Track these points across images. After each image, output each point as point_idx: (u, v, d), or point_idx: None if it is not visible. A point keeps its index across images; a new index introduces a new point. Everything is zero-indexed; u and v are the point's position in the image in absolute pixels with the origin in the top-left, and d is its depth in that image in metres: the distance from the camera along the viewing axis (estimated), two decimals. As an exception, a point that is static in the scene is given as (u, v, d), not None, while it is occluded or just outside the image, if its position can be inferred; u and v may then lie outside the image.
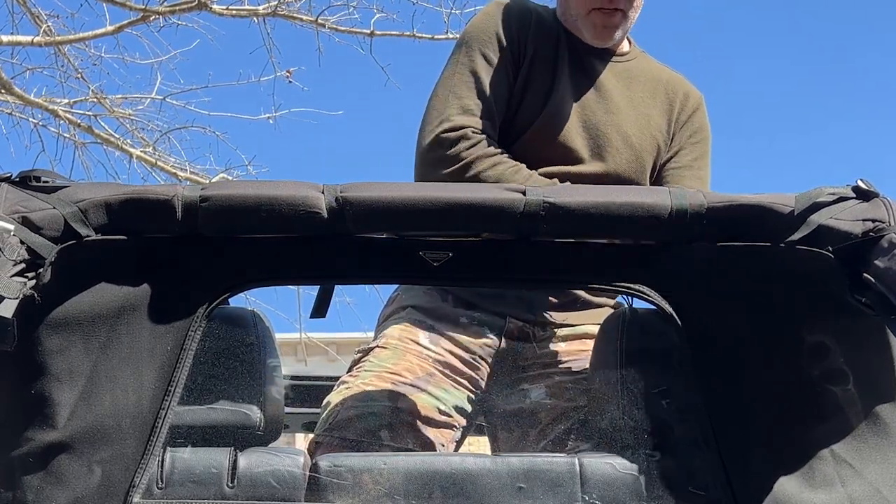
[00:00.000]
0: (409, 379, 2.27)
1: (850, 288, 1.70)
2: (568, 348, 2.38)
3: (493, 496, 1.75)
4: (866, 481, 1.70)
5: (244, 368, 1.86)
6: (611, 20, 2.41)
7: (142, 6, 8.14)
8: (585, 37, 2.44)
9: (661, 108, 2.49)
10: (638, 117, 2.46)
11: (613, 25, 2.42)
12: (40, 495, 1.65)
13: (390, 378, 2.26)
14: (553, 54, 2.44)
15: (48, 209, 1.68)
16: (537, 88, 2.41)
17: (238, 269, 1.76)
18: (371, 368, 2.29)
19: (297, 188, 1.74)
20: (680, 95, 2.52)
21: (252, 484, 1.73)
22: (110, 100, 8.85)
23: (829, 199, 1.73)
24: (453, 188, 1.82)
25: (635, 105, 2.47)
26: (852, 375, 1.72)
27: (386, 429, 2.21)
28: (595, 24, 2.41)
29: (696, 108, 2.53)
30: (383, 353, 2.33)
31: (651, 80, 2.52)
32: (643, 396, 1.84)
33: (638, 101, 2.48)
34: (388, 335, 2.36)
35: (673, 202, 1.73)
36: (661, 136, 2.48)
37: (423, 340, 2.34)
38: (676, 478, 1.76)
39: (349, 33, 8.64)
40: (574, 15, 2.44)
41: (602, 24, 2.41)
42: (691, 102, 2.52)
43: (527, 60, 2.41)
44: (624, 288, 1.78)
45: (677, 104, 2.51)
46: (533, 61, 2.42)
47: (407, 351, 2.32)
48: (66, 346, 1.67)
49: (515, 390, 2.34)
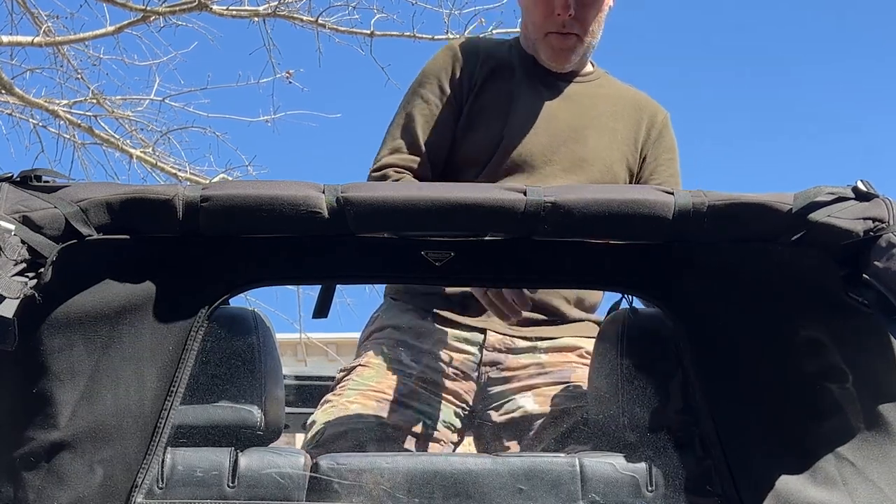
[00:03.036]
0: (393, 396, 2.30)
1: (849, 287, 1.70)
2: (551, 359, 2.40)
3: (494, 496, 1.75)
4: (868, 480, 1.70)
5: (245, 368, 1.86)
6: (566, 43, 2.51)
7: (142, 7, 8.13)
8: (543, 60, 2.55)
9: (626, 124, 2.57)
10: (604, 132, 2.53)
11: (569, 48, 2.52)
12: (42, 495, 1.65)
13: (374, 396, 2.30)
14: (509, 82, 2.54)
15: (49, 209, 1.67)
16: (492, 116, 2.50)
17: (239, 269, 1.77)
18: (355, 387, 2.32)
19: (299, 188, 1.74)
20: (647, 113, 2.60)
21: (252, 484, 1.73)
22: (110, 100, 8.84)
23: (827, 198, 1.73)
24: (454, 188, 1.82)
25: (601, 121, 2.55)
26: (851, 374, 1.73)
27: (372, 445, 2.23)
28: (552, 46, 2.52)
29: (665, 125, 2.61)
30: (366, 371, 2.36)
31: (616, 98, 2.60)
32: (644, 396, 1.84)
33: (603, 117, 2.56)
34: (370, 355, 2.40)
35: (675, 200, 1.73)
36: (630, 150, 2.55)
37: (405, 359, 2.37)
38: (677, 477, 1.76)
39: (349, 34, 8.63)
40: (533, 39, 2.55)
41: (558, 47, 2.52)
42: (660, 120, 2.61)
43: (474, 94, 2.52)
44: (626, 288, 1.79)
45: (645, 121, 2.59)
46: (482, 92, 2.52)
47: (390, 370, 2.36)
48: (68, 345, 1.67)
49: (504, 401, 2.37)
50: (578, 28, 2.50)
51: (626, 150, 2.54)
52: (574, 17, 2.48)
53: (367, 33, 8.52)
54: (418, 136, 2.49)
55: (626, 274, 1.81)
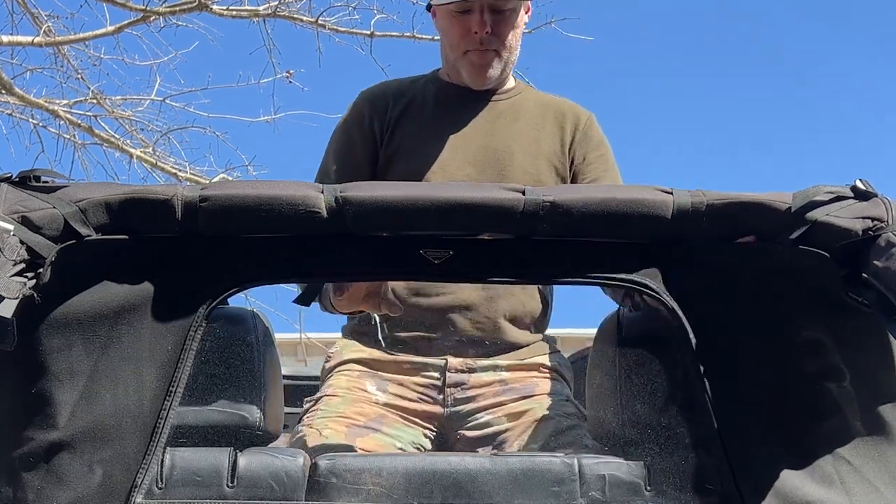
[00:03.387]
0: (362, 422, 2.34)
1: (849, 287, 1.70)
2: (513, 376, 2.45)
3: (493, 496, 1.75)
4: (864, 479, 1.71)
5: (244, 368, 1.86)
6: (485, 58, 2.57)
7: (142, 7, 8.12)
8: (464, 78, 2.60)
9: (550, 132, 2.62)
10: (528, 145, 2.58)
11: (488, 63, 2.57)
12: (41, 495, 1.65)
13: (344, 422, 2.33)
14: (424, 117, 2.59)
15: (48, 209, 1.68)
16: (409, 155, 2.55)
17: (238, 269, 1.76)
18: (324, 415, 2.35)
19: (297, 188, 1.74)
20: (570, 117, 2.65)
21: (252, 484, 1.73)
22: (110, 100, 8.83)
23: (826, 197, 1.73)
24: (453, 187, 1.82)
25: (523, 134, 2.59)
26: (849, 373, 1.73)
27: None
28: (472, 63, 2.58)
29: (589, 125, 2.66)
30: (334, 400, 2.40)
31: (537, 108, 2.65)
32: (643, 395, 1.84)
33: (525, 130, 2.60)
34: (335, 385, 2.44)
35: (674, 200, 1.74)
36: (557, 158, 2.60)
37: (371, 388, 2.42)
38: (677, 476, 1.76)
39: (349, 34, 8.61)
40: (453, 59, 2.60)
41: (478, 63, 2.57)
42: (583, 121, 2.65)
43: (388, 136, 2.57)
44: (627, 282, 1.78)
45: (569, 125, 2.63)
46: (395, 134, 2.57)
47: (356, 398, 2.40)
48: (67, 345, 1.67)
49: (473, 420, 2.40)
50: (496, 44, 2.56)
51: (554, 158, 2.59)
52: (491, 33, 2.54)
53: (367, 33, 8.52)
54: (332, 178, 2.52)
55: (626, 273, 1.81)
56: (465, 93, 2.62)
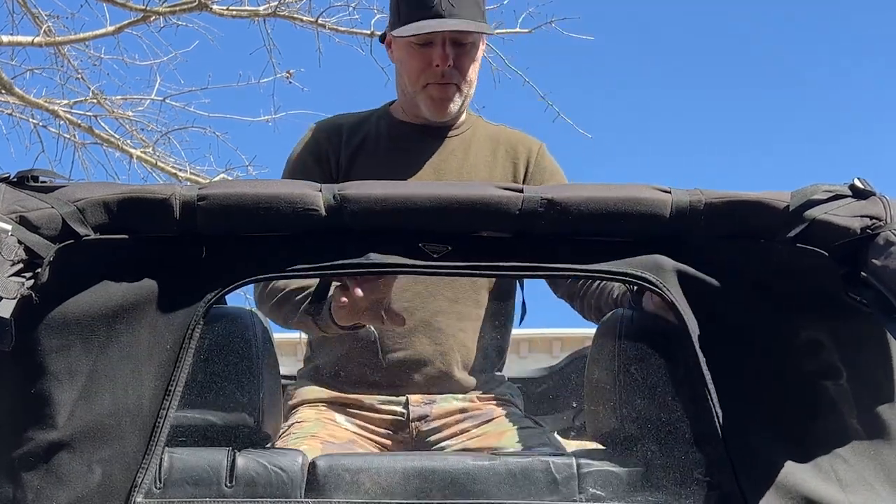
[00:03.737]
0: (336, 442, 2.34)
1: (848, 286, 1.70)
2: (472, 405, 2.48)
3: (492, 495, 1.75)
4: (860, 476, 1.71)
5: (242, 368, 1.86)
6: (446, 93, 2.52)
7: (142, 6, 8.13)
8: (423, 112, 2.55)
9: (503, 165, 2.61)
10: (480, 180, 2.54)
11: (448, 98, 2.53)
12: (40, 495, 1.64)
13: (319, 439, 2.33)
14: (376, 156, 2.55)
15: (46, 208, 1.67)
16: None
17: (237, 268, 1.76)
18: (298, 437, 2.36)
19: (296, 186, 1.74)
20: (521, 150, 2.63)
21: (250, 483, 1.73)
22: (110, 100, 8.84)
23: (824, 196, 1.73)
24: (451, 186, 1.82)
25: (475, 170, 2.57)
26: (847, 372, 1.73)
27: None
28: (432, 97, 2.53)
29: (541, 155, 2.64)
30: (305, 425, 2.41)
31: (488, 142, 2.63)
32: (642, 393, 1.84)
33: (477, 165, 2.58)
34: (303, 416, 2.45)
35: (672, 198, 1.74)
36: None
37: (339, 419, 2.44)
38: (677, 473, 1.76)
39: (349, 34, 8.62)
40: (412, 92, 2.55)
41: (438, 97, 2.53)
42: (535, 151, 2.64)
43: (342, 168, 2.53)
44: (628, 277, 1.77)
45: (522, 157, 2.62)
46: (352, 166, 2.53)
47: (327, 424, 2.41)
48: (66, 345, 1.67)
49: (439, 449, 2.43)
50: (457, 77, 2.52)
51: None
52: (453, 66, 2.49)
53: (367, 33, 8.52)
54: None
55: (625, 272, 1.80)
56: (417, 129, 2.59)
